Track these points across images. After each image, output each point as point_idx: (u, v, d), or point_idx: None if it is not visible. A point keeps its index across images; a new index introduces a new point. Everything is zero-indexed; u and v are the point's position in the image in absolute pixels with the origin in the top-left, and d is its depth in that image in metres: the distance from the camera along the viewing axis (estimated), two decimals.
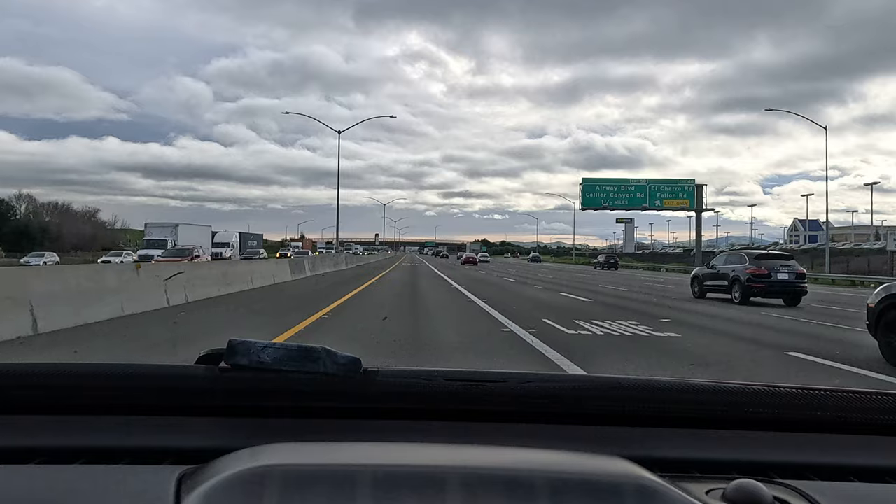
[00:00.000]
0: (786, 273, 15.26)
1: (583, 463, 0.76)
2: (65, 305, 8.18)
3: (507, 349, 7.20)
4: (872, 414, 0.94)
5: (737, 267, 15.91)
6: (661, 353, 7.21)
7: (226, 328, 8.46)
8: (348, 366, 0.86)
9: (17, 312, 7.35)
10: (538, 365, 6.18)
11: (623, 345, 7.75)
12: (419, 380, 0.93)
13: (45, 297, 7.85)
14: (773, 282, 15.17)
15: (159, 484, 0.71)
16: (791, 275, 15.31)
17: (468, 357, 6.68)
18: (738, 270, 15.70)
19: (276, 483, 0.67)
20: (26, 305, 7.52)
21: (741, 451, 0.90)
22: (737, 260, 16.44)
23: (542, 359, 6.55)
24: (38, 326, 7.58)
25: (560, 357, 6.57)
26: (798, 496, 0.77)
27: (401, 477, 0.69)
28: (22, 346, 6.78)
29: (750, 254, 16.68)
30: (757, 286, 15.19)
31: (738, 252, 17.99)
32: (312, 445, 0.80)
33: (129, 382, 0.92)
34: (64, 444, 0.84)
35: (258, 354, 0.85)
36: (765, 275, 15.16)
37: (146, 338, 7.56)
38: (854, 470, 0.87)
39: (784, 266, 15.44)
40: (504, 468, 0.73)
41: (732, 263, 16.35)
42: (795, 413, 0.95)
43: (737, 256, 16.86)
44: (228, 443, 0.80)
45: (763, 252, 17.91)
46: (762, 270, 15.24)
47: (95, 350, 6.65)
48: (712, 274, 17.05)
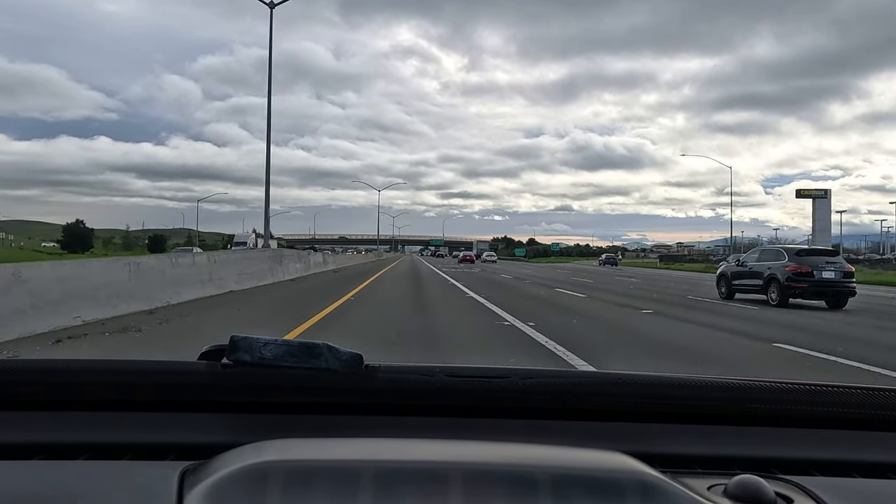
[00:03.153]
0: (832, 271, 13.95)
1: (585, 458, 0.77)
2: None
3: None
4: (874, 410, 0.95)
5: (773, 264, 14.56)
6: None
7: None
8: (350, 362, 0.88)
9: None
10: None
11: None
12: (421, 376, 0.94)
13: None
14: (817, 281, 13.86)
15: (162, 480, 0.72)
16: (838, 273, 13.98)
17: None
18: (776, 268, 14.36)
19: (278, 479, 0.68)
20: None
21: (743, 447, 0.91)
22: (773, 256, 15.02)
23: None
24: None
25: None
26: (800, 492, 0.77)
27: (403, 473, 0.71)
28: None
29: (789, 249, 15.19)
30: (798, 286, 13.90)
31: (775, 247, 16.45)
32: (314, 441, 0.82)
33: (132, 378, 0.94)
34: (66, 440, 0.85)
35: (260, 350, 0.86)
36: (807, 273, 13.87)
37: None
38: (856, 466, 0.87)
39: (829, 263, 14.14)
40: (506, 464, 0.74)
41: (768, 260, 14.97)
42: (797, 409, 0.95)
43: (773, 252, 15.43)
44: (231, 439, 0.82)
45: (804, 247, 16.31)
46: (804, 268, 13.93)
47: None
48: (743, 272, 15.74)
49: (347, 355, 0.88)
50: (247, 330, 1.05)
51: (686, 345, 8.18)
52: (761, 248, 16.78)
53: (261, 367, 0.86)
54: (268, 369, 0.87)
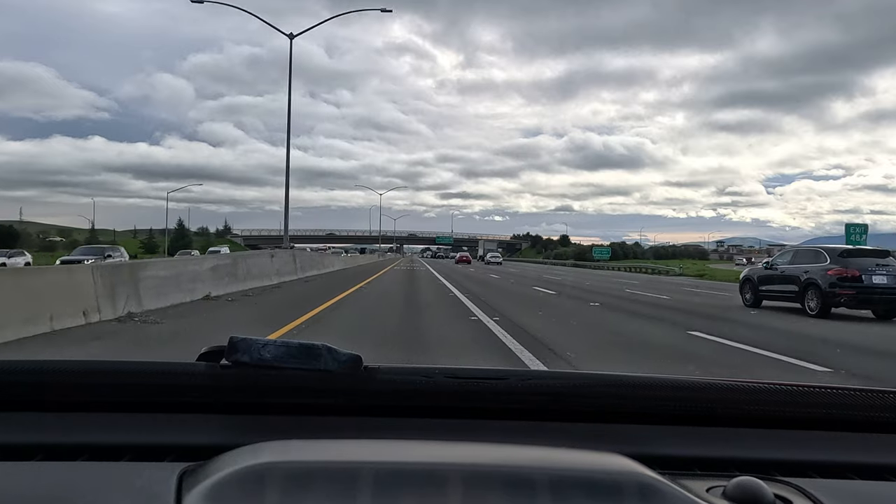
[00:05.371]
0: (883, 275, 12.07)
1: (583, 460, 0.78)
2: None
3: None
4: (873, 411, 0.95)
5: (811, 268, 12.65)
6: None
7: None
8: (349, 363, 0.89)
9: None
10: None
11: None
12: (420, 377, 0.95)
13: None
14: (866, 287, 11.96)
15: (161, 481, 0.73)
16: (891, 277, 12.08)
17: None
18: (815, 272, 12.48)
19: (277, 480, 0.69)
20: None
21: (742, 449, 0.91)
22: (811, 258, 13.11)
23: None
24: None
25: None
26: (799, 494, 0.78)
27: (401, 474, 0.71)
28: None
29: (831, 250, 13.12)
30: (844, 293, 11.99)
31: (813, 248, 14.19)
32: (313, 443, 0.83)
33: (131, 379, 0.95)
34: (65, 441, 0.86)
35: (259, 351, 0.87)
36: (854, 278, 11.99)
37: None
38: (855, 467, 0.88)
39: (881, 266, 12.21)
40: (505, 465, 0.75)
41: (804, 263, 13.09)
42: (796, 410, 0.96)
43: (811, 253, 13.48)
44: (230, 440, 0.83)
45: (848, 248, 14.22)
46: (851, 272, 12.04)
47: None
48: (773, 276, 13.85)
49: (346, 356, 0.89)
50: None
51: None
52: (795, 249, 14.81)
53: (260, 368, 0.88)
54: (267, 370, 0.88)
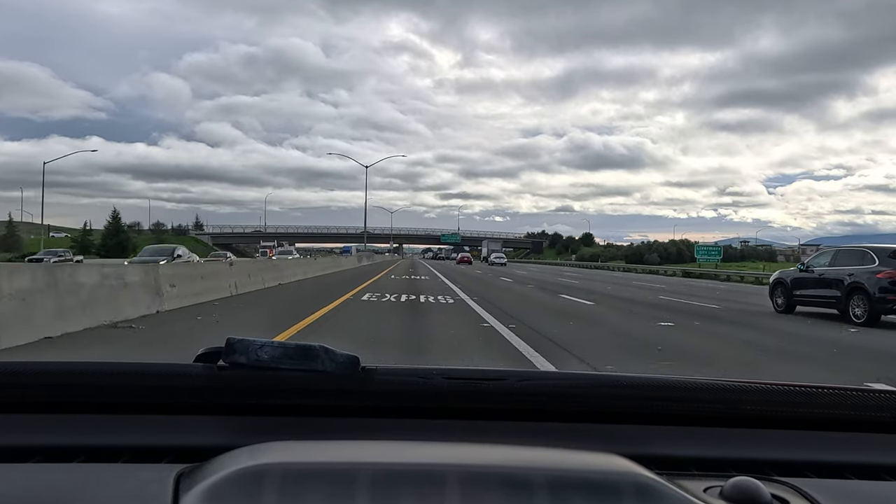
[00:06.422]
0: None
1: (581, 460, 0.78)
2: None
3: None
4: (869, 411, 0.95)
5: (857, 270, 11.49)
6: None
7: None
8: (346, 364, 0.89)
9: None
10: None
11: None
12: (417, 378, 0.96)
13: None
14: None
15: (157, 482, 0.73)
16: None
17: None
18: (861, 275, 11.34)
19: (274, 481, 0.70)
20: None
21: (739, 449, 0.92)
22: (855, 259, 11.87)
23: None
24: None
25: None
26: (796, 493, 0.77)
27: (399, 475, 0.72)
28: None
29: (880, 250, 11.69)
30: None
31: (858, 248, 12.65)
32: (311, 444, 0.83)
33: (128, 380, 0.96)
34: (62, 443, 0.87)
35: (256, 353, 0.88)
36: None
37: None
38: (851, 467, 0.88)
39: None
40: (502, 466, 0.76)
41: (848, 264, 11.89)
42: (792, 410, 0.96)
43: (855, 254, 12.12)
44: (227, 441, 0.84)
45: None
46: None
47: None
48: (809, 280, 12.76)
49: (344, 357, 0.90)
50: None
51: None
52: (836, 249, 13.37)
53: (257, 369, 0.88)
54: (264, 371, 0.89)
